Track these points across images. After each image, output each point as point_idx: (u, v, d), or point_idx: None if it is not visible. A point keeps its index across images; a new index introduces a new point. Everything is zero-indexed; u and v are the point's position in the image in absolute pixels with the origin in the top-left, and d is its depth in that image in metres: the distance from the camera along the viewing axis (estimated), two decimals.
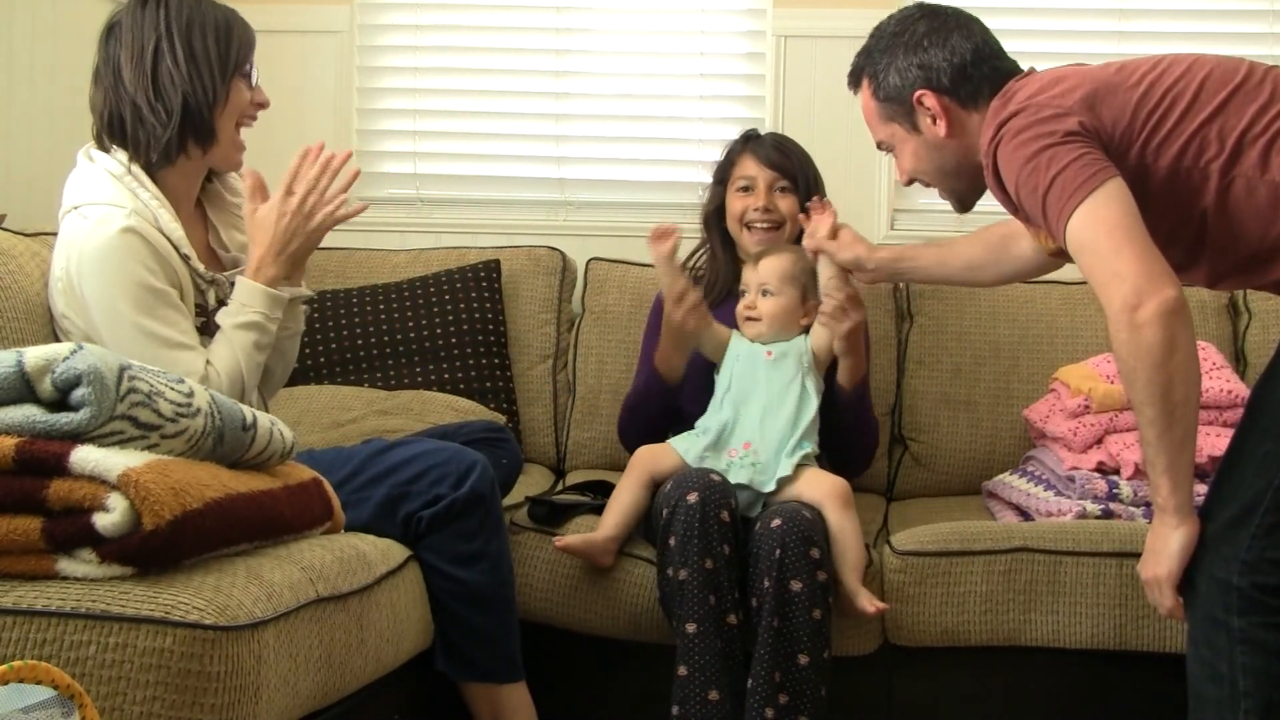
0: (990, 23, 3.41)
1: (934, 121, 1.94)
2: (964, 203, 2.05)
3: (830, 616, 2.16)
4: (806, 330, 2.47)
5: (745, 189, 2.63)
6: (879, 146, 2.09)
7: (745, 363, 2.42)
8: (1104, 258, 1.64)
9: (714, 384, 2.46)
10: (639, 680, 2.32)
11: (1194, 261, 1.78)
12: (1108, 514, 2.37)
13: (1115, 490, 2.40)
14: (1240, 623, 1.59)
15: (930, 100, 1.93)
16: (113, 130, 2.10)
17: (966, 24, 1.97)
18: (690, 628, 2.12)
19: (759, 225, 2.59)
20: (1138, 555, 2.24)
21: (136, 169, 2.07)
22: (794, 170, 2.62)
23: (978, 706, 2.34)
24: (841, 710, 2.28)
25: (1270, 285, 1.76)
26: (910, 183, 2.07)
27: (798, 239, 2.58)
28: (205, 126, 2.09)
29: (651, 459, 2.36)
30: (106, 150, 2.10)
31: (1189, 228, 1.74)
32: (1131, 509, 2.37)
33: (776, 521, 2.16)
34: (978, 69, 1.92)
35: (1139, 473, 2.42)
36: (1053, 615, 2.26)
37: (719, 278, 2.68)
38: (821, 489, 2.28)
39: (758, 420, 2.36)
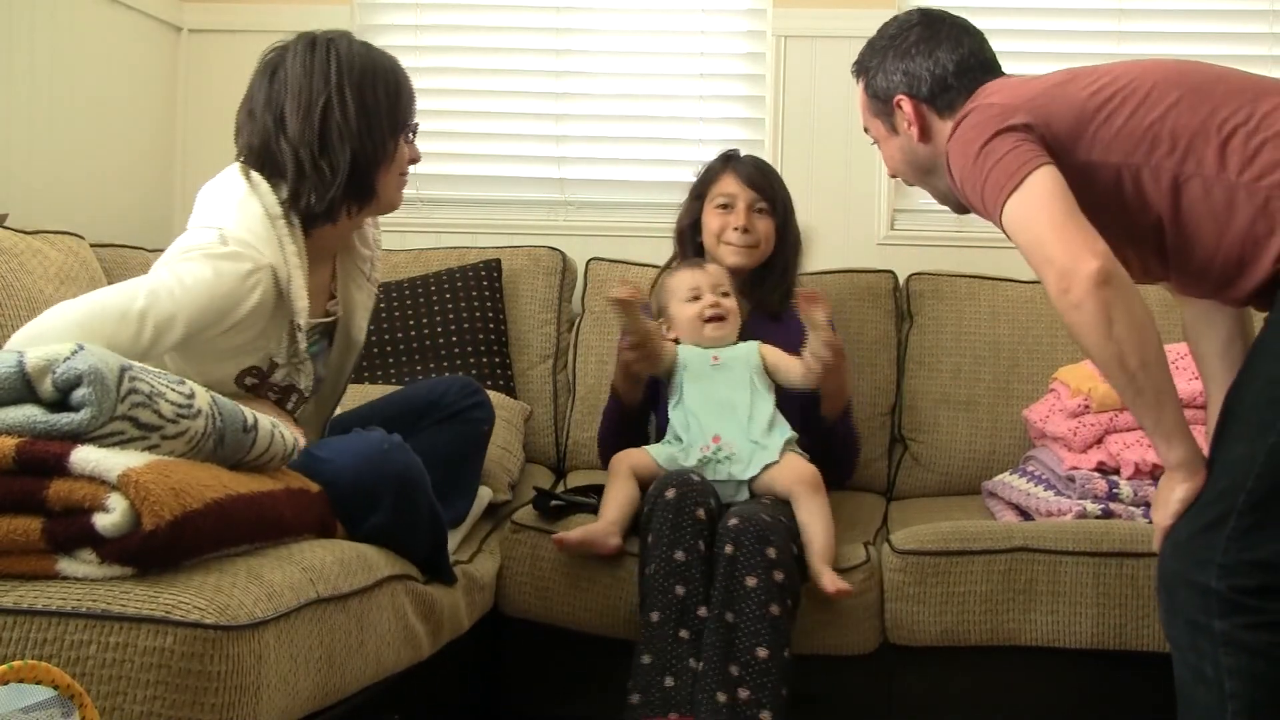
0: (990, 22, 3.41)
1: (908, 126, 2.00)
2: (956, 207, 2.05)
3: (791, 616, 2.15)
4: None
5: (724, 206, 2.66)
6: (865, 132, 2.14)
7: (693, 370, 2.46)
8: (1033, 245, 1.68)
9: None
10: None
11: (1161, 265, 1.80)
12: (1108, 514, 2.37)
13: (1115, 490, 2.40)
14: (1222, 625, 1.59)
15: (907, 105, 1.99)
16: (272, 173, 2.00)
17: (957, 36, 2.00)
18: (654, 616, 2.13)
19: (736, 244, 2.62)
20: (1138, 555, 2.24)
21: (294, 218, 1.98)
22: (774, 193, 2.67)
23: (978, 706, 2.34)
24: (841, 710, 2.29)
25: (1245, 299, 1.76)
26: (895, 176, 2.13)
27: (770, 260, 2.66)
28: (368, 186, 2.03)
29: (628, 459, 2.39)
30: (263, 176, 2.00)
31: (1146, 229, 1.76)
32: (1131, 509, 2.37)
33: (733, 521, 2.19)
34: (959, 80, 1.96)
35: (1139, 473, 2.43)
36: (1053, 615, 2.26)
37: None
38: (790, 476, 2.31)
39: (717, 416, 2.39)
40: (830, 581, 2.19)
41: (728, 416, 2.39)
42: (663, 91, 3.36)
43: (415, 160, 2.15)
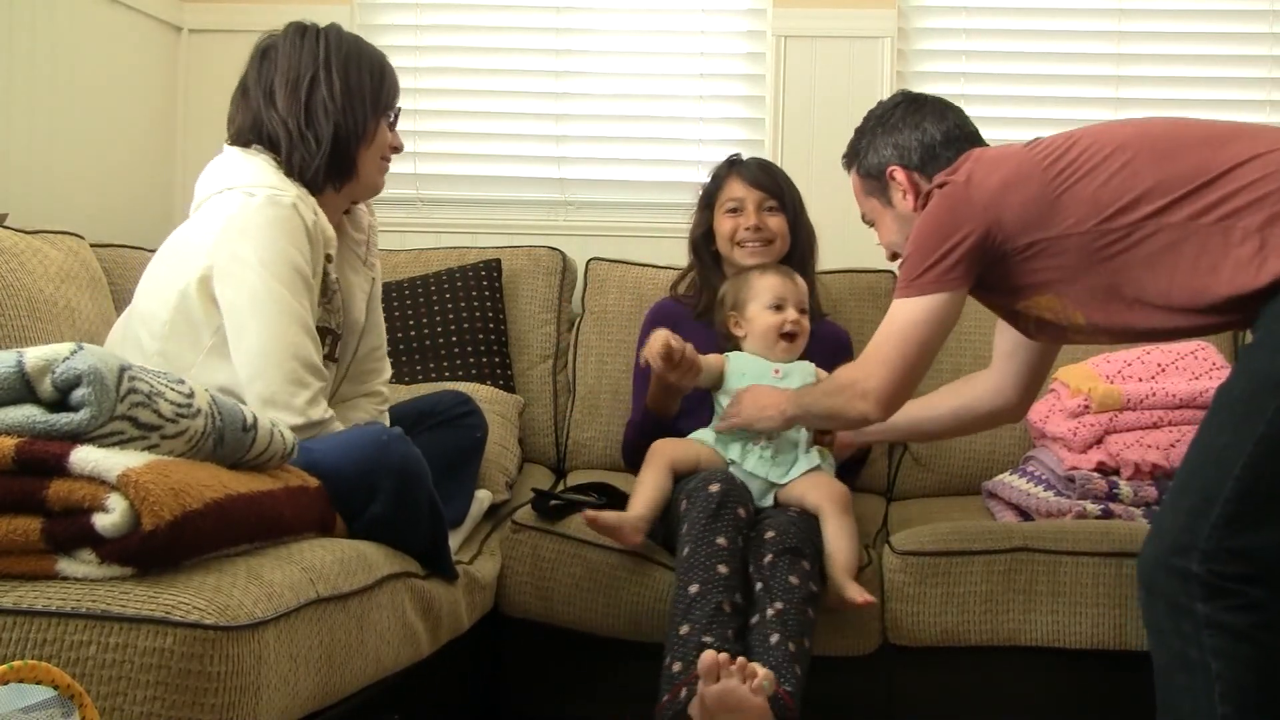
0: (991, 23, 3.43)
1: (903, 195, 2.10)
2: None
3: (815, 622, 2.16)
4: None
5: (734, 210, 2.67)
6: (863, 219, 2.25)
7: (752, 378, 2.43)
8: (878, 344, 2.00)
9: (713, 402, 2.49)
10: (639, 680, 2.31)
11: (1122, 328, 1.89)
12: (1108, 514, 2.37)
13: (1115, 490, 2.40)
14: (1204, 608, 1.61)
15: (900, 175, 2.11)
16: (265, 145, 2.11)
17: (941, 110, 2.13)
18: (693, 589, 2.12)
19: (751, 243, 2.64)
20: (1138, 555, 2.25)
21: (293, 177, 2.08)
22: (781, 191, 2.68)
23: (978, 706, 2.34)
24: (841, 710, 2.29)
25: (1221, 324, 1.80)
26: (894, 257, 2.21)
27: (785, 259, 2.66)
28: (348, 160, 2.13)
29: (670, 448, 2.39)
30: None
31: (1103, 285, 1.85)
32: (1131, 509, 2.37)
33: (770, 534, 2.20)
34: (946, 149, 2.08)
35: (1139, 473, 2.43)
36: (1053, 615, 2.26)
37: (710, 301, 2.69)
38: (821, 493, 2.31)
39: None
40: (857, 593, 2.18)
41: None
42: (663, 91, 3.36)
43: (397, 149, 2.24)
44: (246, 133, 2.13)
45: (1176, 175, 1.78)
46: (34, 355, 1.48)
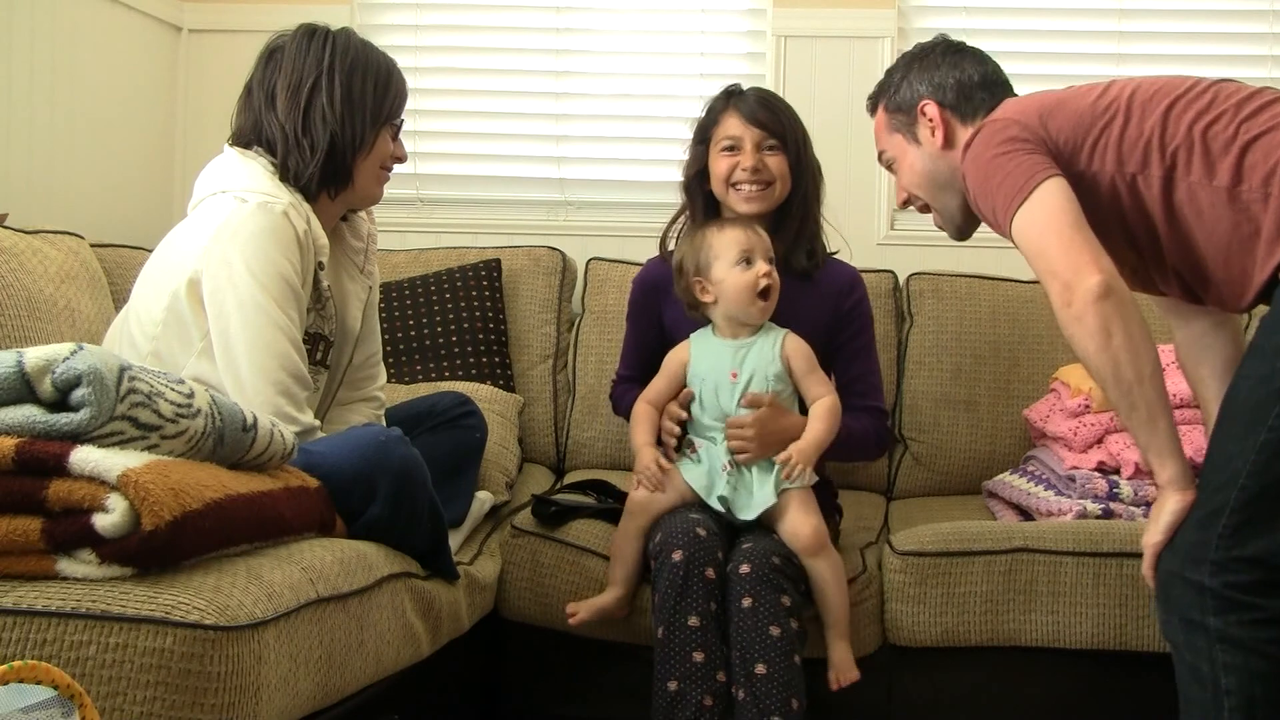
0: (991, 22, 3.43)
1: (932, 133, 2.04)
2: (959, 229, 2.10)
3: (801, 669, 2.11)
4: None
5: (730, 149, 2.41)
6: (880, 158, 2.17)
7: (710, 383, 2.28)
8: (1039, 258, 1.74)
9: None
10: (636, 681, 2.32)
11: (1163, 274, 1.85)
12: (1108, 514, 2.37)
13: (1115, 490, 2.40)
14: (1217, 623, 1.61)
15: (932, 110, 2.04)
16: (263, 148, 2.10)
17: (980, 56, 2.09)
18: (672, 685, 2.07)
19: (747, 185, 2.39)
20: (1138, 555, 2.24)
21: (289, 181, 2.08)
22: (782, 128, 2.43)
23: (978, 706, 2.34)
24: (841, 710, 2.28)
25: (1250, 304, 1.77)
26: (905, 204, 2.15)
27: (786, 203, 2.43)
28: (343, 170, 2.11)
29: (647, 503, 2.25)
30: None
31: (1144, 236, 1.81)
32: (1132, 509, 2.37)
33: (745, 568, 2.12)
34: (983, 91, 2.03)
35: (1139, 472, 2.43)
36: (1053, 615, 2.26)
37: None
38: (790, 540, 2.19)
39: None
40: (833, 680, 2.15)
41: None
42: (663, 91, 3.36)
43: (399, 159, 2.21)
44: (247, 134, 2.12)
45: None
46: (34, 355, 1.48)
